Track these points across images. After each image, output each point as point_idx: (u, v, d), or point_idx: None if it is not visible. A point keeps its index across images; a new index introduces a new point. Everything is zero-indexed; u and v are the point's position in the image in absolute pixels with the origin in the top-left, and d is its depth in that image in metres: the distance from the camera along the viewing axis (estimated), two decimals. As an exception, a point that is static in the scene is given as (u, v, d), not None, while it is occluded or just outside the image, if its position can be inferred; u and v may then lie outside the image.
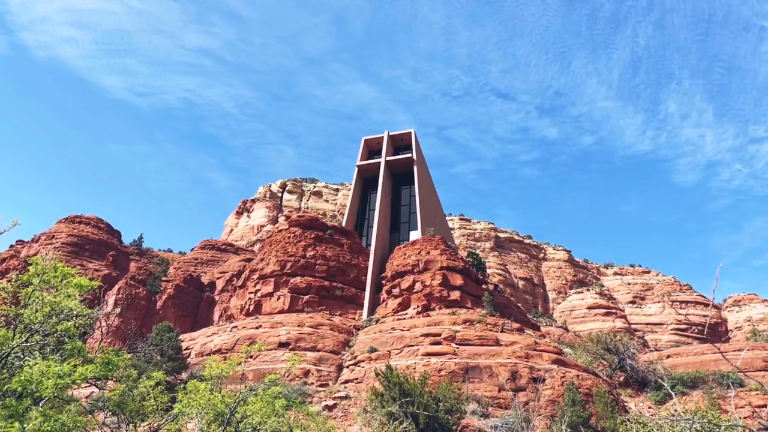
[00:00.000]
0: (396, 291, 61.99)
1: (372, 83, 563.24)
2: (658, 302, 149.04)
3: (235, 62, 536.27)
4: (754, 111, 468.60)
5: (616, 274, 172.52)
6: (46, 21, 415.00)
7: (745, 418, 36.39)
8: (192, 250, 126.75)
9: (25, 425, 10.09)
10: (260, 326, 54.64)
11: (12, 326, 13.53)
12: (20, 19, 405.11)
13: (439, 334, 46.95)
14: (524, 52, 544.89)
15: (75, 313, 13.80)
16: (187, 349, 54.59)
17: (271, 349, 49.01)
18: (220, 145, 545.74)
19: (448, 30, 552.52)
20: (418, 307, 58.27)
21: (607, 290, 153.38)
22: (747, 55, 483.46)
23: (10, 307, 14.23)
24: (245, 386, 17.80)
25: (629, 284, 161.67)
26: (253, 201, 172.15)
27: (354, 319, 61.57)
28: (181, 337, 56.15)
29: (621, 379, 51.84)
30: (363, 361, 46.34)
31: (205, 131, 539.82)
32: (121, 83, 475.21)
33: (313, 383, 45.02)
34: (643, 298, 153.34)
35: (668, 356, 57.52)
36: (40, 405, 12.50)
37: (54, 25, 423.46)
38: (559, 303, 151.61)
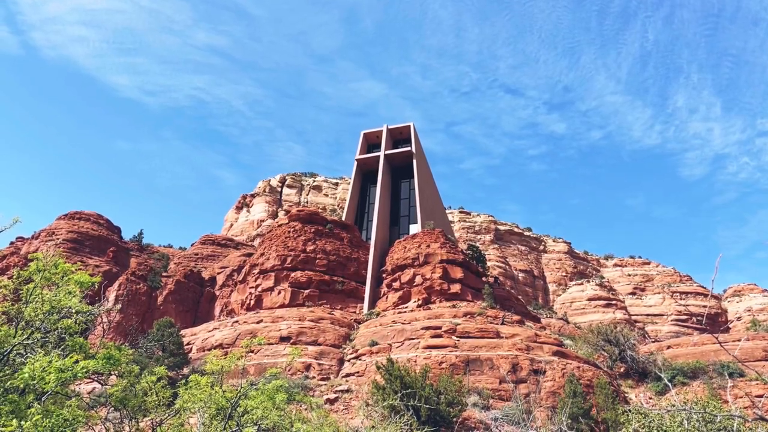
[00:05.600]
0: (396, 284, 62.08)
1: (380, 80, 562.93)
2: (658, 293, 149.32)
3: (245, 60, 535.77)
4: (762, 104, 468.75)
5: (616, 265, 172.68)
6: (57, 21, 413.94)
7: (744, 408, 36.53)
8: (192, 245, 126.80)
9: (23, 422, 10.11)
10: (261, 321, 54.75)
11: (14, 323, 13.55)
12: (31, 19, 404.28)
13: (439, 327, 47.06)
14: (533, 48, 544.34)
15: (75, 310, 13.81)
16: (188, 344, 54.73)
17: (272, 344, 49.15)
18: (229, 143, 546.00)
19: (458, 27, 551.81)
20: (418, 300, 58.37)
21: (608, 282, 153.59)
22: (756, 49, 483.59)
23: (11, 304, 14.25)
24: (246, 380, 17.86)
25: (629, 275, 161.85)
26: (253, 196, 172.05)
27: (355, 312, 61.70)
28: (182, 332, 56.27)
29: (621, 370, 51.99)
30: (364, 354, 46.47)
31: (214, 129, 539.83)
32: (130, 82, 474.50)
33: (314, 377, 45.18)
34: (643, 290, 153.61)
35: (668, 347, 57.68)
36: (43, 400, 12.54)
37: (65, 25, 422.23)
38: (560, 295, 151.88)
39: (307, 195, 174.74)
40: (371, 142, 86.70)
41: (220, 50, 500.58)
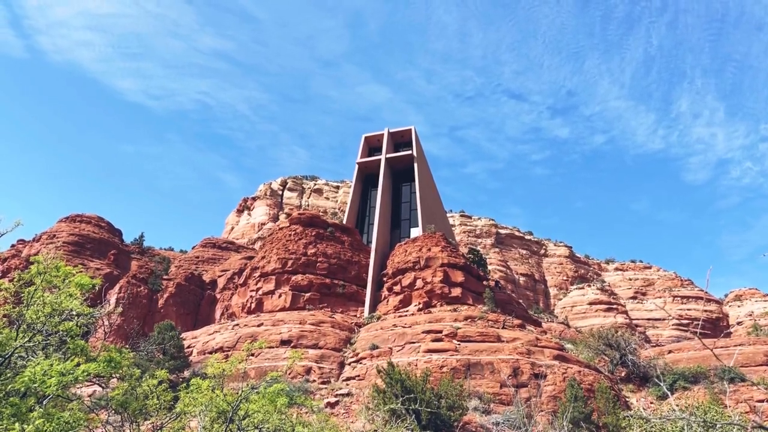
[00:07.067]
0: (397, 288, 62.04)
1: (385, 84, 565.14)
2: (660, 297, 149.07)
3: (250, 64, 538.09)
4: (765, 109, 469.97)
5: (617, 269, 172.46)
6: (63, 25, 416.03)
7: (745, 413, 36.45)
8: (193, 248, 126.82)
9: (25, 426, 10.12)
10: (262, 324, 54.71)
11: (15, 326, 13.57)
12: (37, 24, 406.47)
13: (440, 331, 47.00)
14: (537, 53, 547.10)
15: (76, 313, 13.83)
16: (189, 347, 54.66)
17: (272, 347, 49.11)
18: (233, 146, 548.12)
19: (463, 32, 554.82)
20: (419, 303, 58.32)
21: (608, 286, 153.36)
22: (759, 54, 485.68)
23: (13, 307, 14.26)
24: (247, 384, 17.85)
25: (630, 280, 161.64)
26: (254, 199, 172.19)
27: (355, 316, 61.66)
28: (183, 335, 56.24)
29: (622, 374, 51.87)
30: (365, 358, 46.42)
31: (218, 133, 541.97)
32: (136, 86, 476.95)
33: (315, 380, 45.11)
34: (644, 294, 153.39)
35: (669, 351, 57.54)
36: (44, 403, 12.54)
37: (71, 29, 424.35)
38: (560, 299, 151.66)
39: (308, 198, 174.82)
40: (372, 146, 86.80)
41: (225, 54, 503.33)
